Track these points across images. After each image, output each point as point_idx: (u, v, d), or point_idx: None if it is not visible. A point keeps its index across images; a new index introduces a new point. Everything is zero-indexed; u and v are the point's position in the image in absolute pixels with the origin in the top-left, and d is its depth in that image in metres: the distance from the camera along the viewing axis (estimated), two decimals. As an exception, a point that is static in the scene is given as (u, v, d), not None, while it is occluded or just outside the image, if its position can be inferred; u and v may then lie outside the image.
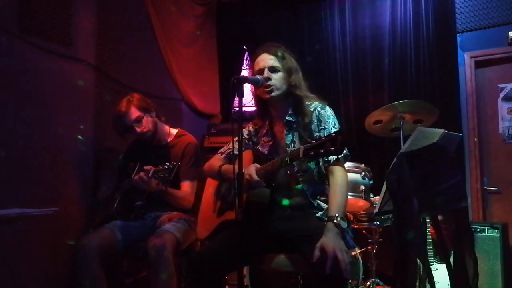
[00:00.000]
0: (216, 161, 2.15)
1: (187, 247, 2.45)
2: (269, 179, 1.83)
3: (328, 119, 1.91)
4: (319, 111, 1.94)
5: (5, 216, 1.79)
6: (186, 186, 2.47)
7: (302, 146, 1.63)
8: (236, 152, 2.05)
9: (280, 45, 2.02)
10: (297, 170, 1.92)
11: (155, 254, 2.16)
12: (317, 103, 1.99)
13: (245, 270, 2.76)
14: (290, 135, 1.96)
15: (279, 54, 1.97)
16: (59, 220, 2.37)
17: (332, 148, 1.52)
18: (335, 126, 1.90)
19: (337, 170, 1.83)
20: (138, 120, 2.46)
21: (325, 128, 1.90)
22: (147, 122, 2.49)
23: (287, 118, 1.96)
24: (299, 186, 1.92)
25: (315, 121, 1.93)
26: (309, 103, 1.99)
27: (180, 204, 2.46)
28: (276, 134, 2.03)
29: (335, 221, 1.66)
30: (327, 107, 1.97)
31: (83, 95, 2.72)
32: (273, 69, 1.93)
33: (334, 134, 1.53)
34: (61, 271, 2.46)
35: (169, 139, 2.61)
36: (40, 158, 2.39)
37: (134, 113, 2.44)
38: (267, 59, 1.95)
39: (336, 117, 1.97)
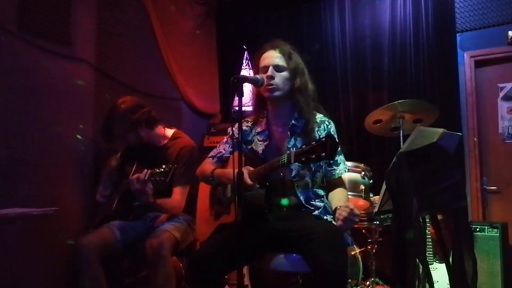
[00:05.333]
0: (207, 165, 2.13)
1: (186, 246, 2.45)
2: (263, 181, 1.83)
3: (334, 135, 1.95)
4: (327, 125, 1.99)
5: (5, 216, 1.79)
6: (177, 193, 2.39)
7: (293, 151, 1.65)
8: (227, 154, 2.08)
9: (288, 43, 2.00)
10: (294, 175, 1.92)
11: (152, 253, 2.16)
12: (322, 116, 2.03)
13: (245, 270, 2.76)
14: (293, 139, 1.96)
15: (287, 52, 1.94)
16: (59, 220, 2.37)
17: (323, 154, 1.55)
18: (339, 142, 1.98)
19: (337, 185, 1.97)
20: (120, 137, 2.44)
21: None
22: (129, 138, 2.45)
23: (293, 122, 1.96)
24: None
25: (324, 133, 1.95)
26: (313, 112, 2.00)
27: (169, 212, 2.44)
28: (274, 135, 2.02)
29: None
30: (332, 123, 2.03)
31: (83, 95, 2.72)
32: (278, 68, 1.91)
33: (324, 139, 1.55)
34: (61, 271, 2.46)
35: (164, 142, 2.56)
36: (40, 158, 2.39)
37: (116, 130, 2.41)
38: (273, 57, 1.93)
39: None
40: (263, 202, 1.86)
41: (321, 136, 1.92)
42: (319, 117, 2.01)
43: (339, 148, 1.95)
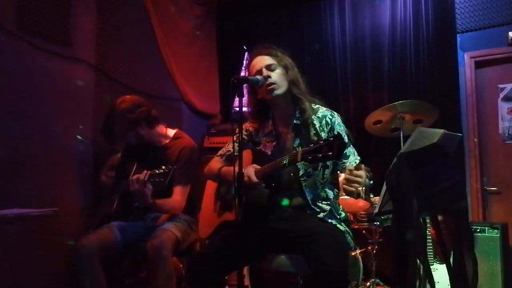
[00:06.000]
0: (215, 163, 2.16)
1: (187, 246, 2.45)
2: (268, 180, 1.83)
3: (340, 127, 1.96)
4: (330, 119, 1.97)
5: (5, 216, 1.79)
6: (177, 193, 2.39)
7: (300, 149, 1.66)
8: (236, 153, 2.07)
9: (271, 45, 2.04)
10: (302, 174, 1.92)
11: (153, 253, 2.15)
12: (325, 109, 2.02)
13: (245, 270, 2.76)
14: (298, 138, 1.96)
15: (272, 53, 1.99)
16: (59, 220, 2.36)
17: (330, 153, 1.55)
18: (347, 133, 1.96)
19: None
20: (121, 136, 2.45)
21: None
22: (130, 138, 2.46)
23: (295, 121, 1.96)
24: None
25: (326, 129, 1.95)
26: (315, 107, 2.00)
27: (169, 213, 2.44)
28: (281, 135, 2.03)
29: None
30: (336, 115, 2.01)
31: (83, 95, 2.72)
32: (270, 68, 1.94)
33: (331, 139, 1.55)
34: (61, 271, 2.46)
35: (166, 141, 2.56)
36: (40, 158, 2.39)
37: (117, 130, 2.42)
38: (262, 60, 1.97)
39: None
40: (266, 202, 1.86)
41: (326, 132, 1.94)
42: (321, 111, 2.00)
43: (348, 140, 1.96)
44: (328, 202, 1.96)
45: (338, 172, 1.95)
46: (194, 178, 2.45)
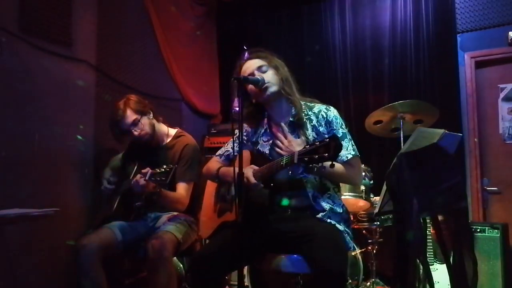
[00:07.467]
0: (214, 163, 2.16)
1: (187, 247, 2.45)
2: (267, 180, 1.83)
3: (336, 120, 1.94)
4: (325, 113, 1.96)
5: (5, 216, 1.78)
6: (182, 188, 2.42)
7: (296, 151, 1.66)
8: (234, 153, 2.07)
9: (259, 48, 2.04)
10: (302, 171, 1.92)
11: (154, 254, 2.15)
12: (320, 105, 2.01)
13: (245, 270, 2.76)
14: (295, 135, 1.96)
15: (261, 55, 2.00)
16: (59, 220, 2.36)
17: (326, 154, 1.54)
18: (343, 127, 1.94)
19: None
20: (135, 123, 2.42)
21: (334, 129, 1.92)
22: (144, 125, 2.45)
23: (291, 119, 1.97)
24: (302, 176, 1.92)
25: (323, 123, 1.94)
26: (311, 104, 2.01)
27: (174, 207, 2.43)
28: (276, 134, 2.03)
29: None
30: (332, 108, 2.00)
31: (83, 95, 2.73)
32: (261, 69, 1.95)
33: (327, 140, 1.55)
34: (61, 271, 2.46)
35: (168, 140, 2.58)
36: (40, 158, 2.39)
37: (131, 116, 2.41)
38: (252, 63, 1.98)
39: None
40: (266, 203, 1.86)
41: (324, 125, 1.93)
42: (317, 107, 2.00)
43: (344, 133, 1.94)
44: (329, 193, 1.95)
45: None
46: (197, 176, 2.45)
